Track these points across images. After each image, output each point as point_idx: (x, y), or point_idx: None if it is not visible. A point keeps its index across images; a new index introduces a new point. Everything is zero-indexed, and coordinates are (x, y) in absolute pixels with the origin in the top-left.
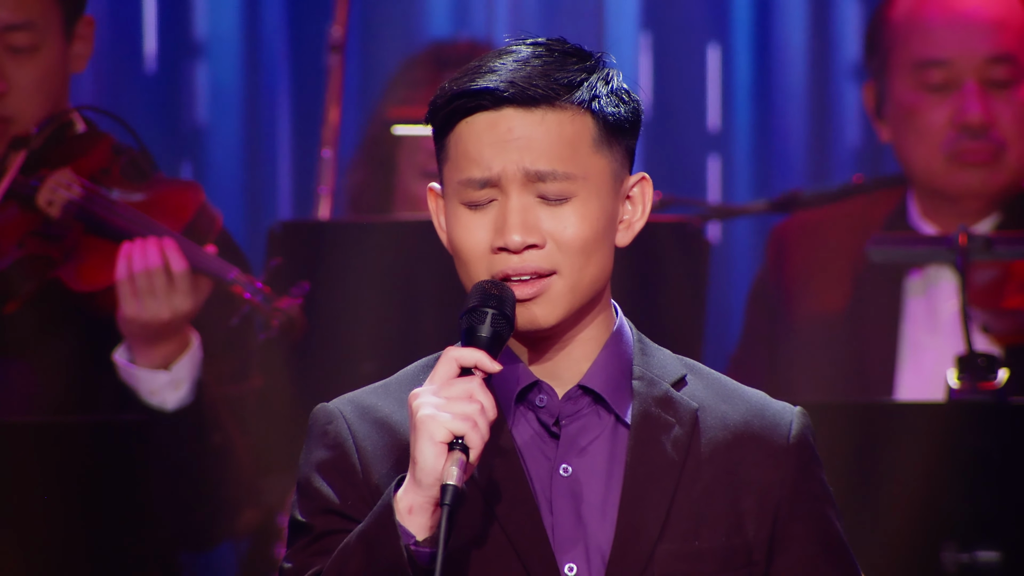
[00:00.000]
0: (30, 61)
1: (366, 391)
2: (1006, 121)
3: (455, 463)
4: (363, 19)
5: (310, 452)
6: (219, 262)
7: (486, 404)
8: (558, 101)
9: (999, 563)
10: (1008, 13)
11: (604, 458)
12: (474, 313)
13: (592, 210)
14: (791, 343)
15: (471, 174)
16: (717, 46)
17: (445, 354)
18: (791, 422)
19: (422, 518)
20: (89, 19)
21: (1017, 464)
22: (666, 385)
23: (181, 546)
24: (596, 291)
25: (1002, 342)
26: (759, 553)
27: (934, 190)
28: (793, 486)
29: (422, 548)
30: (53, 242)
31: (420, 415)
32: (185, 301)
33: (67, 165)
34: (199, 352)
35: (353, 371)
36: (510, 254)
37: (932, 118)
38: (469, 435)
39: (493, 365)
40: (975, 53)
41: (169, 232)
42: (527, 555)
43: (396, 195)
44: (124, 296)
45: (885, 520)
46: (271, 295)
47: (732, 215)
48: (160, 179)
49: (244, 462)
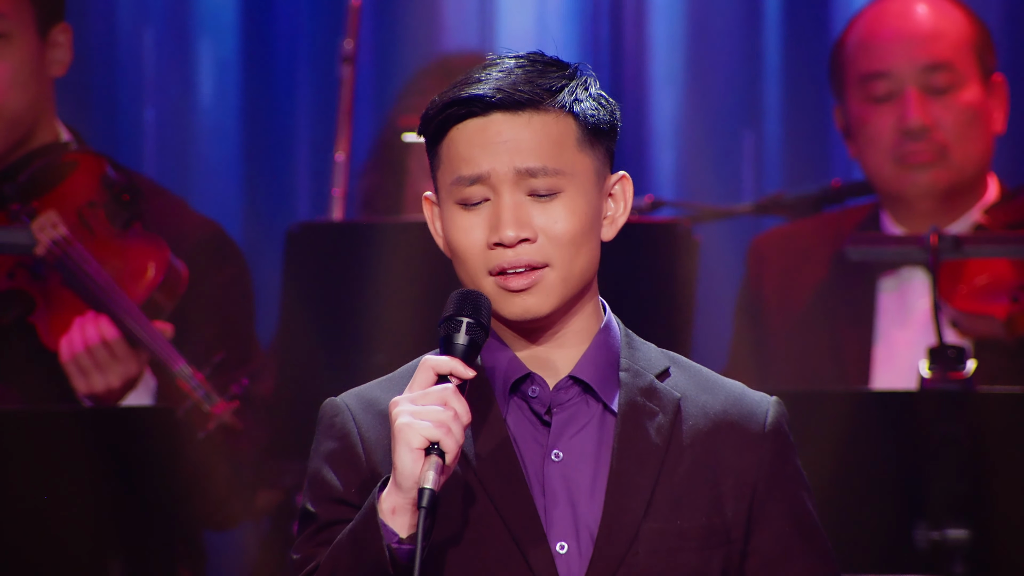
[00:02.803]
0: (3, 50)
1: (371, 385)
2: (947, 123)
3: (432, 467)
4: (377, 33)
5: (319, 444)
6: (169, 351)
7: (460, 410)
8: (543, 105)
9: (967, 540)
10: (945, 24)
11: (593, 444)
12: (450, 322)
13: (580, 205)
14: (775, 341)
15: (462, 172)
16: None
17: (422, 362)
18: (767, 411)
19: (404, 517)
20: (66, 26)
21: (984, 448)
22: (651, 376)
23: (204, 525)
24: (585, 282)
25: (969, 337)
26: (737, 532)
27: (889, 194)
28: (769, 470)
29: (404, 546)
30: (37, 282)
31: (398, 423)
32: (130, 366)
33: (57, 187)
34: (152, 380)
35: (365, 362)
36: (505, 249)
37: (879, 126)
38: (444, 441)
39: (467, 372)
40: (914, 63)
41: (128, 313)
42: (521, 535)
43: (407, 197)
44: (73, 375)
45: (861, 500)
46: (211, 395)
47: (719, 216)
48: (136, 232)
49: (260, 447)
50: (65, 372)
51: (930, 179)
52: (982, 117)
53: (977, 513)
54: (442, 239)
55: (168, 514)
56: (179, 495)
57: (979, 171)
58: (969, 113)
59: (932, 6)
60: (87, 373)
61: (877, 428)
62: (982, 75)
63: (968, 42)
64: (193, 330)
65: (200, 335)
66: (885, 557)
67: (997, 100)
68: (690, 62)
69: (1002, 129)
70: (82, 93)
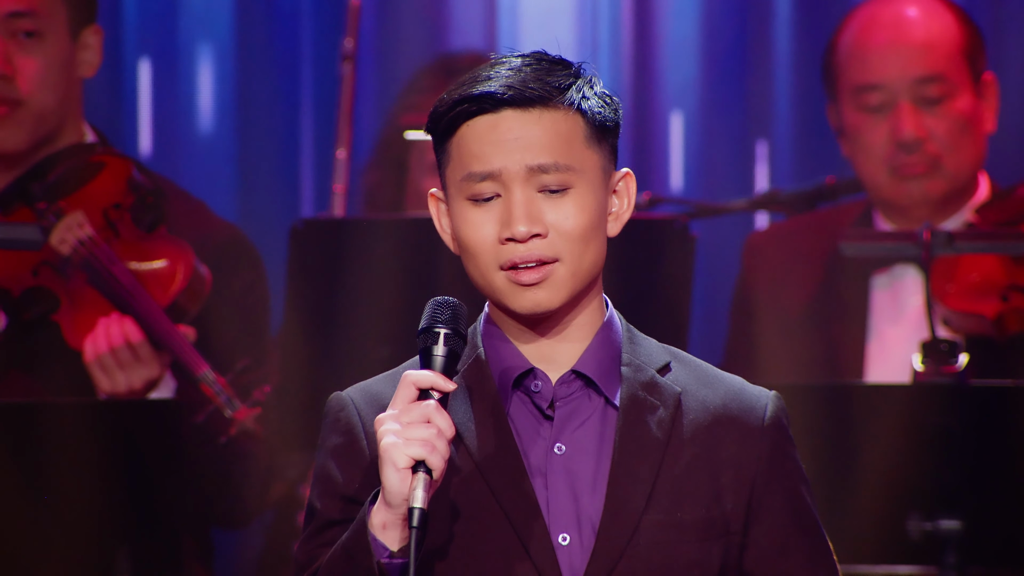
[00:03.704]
0: (35, 48)
1: (376, 380)
2: (940, 134)
3: (420, 485)
4: (378, 31)
5: (325, 438)
6: (193, 355)
7: (443, 427)
8: (552, 102)
9: (959, 531)
10: (938, 35)
11: (595, 437)
12: (428, 334)
13: (589, 201)
14: (770, 336)
15: (473, 168)
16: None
17: (403, 378)
18: (766, 405)
19: (394, 532)
20: (97, 28)
21: (976, 440)
22: (652, 371)
23: (216, 523)
24: (593, 276)
25: (960, 335)
26: (736, 524)
27: (883, 200)
28: (768, 463)
29: (395, 560)
30: (62, 280)
31: (383, 443)
32: (153, 369)
33: (83, 187)
34: (172, 382)
35: (370, 355)
36: (516, 244)
37: (873, 137)
38: (428, 458)
39: (448, 385)
40: (907, 75)
41: (153, 316)
42: (523, 527)
43: (408, 193)
44: (96, 375)
45: (855, 491)
46: (233, 400)
47: (716, 213)
48: (161, 235)
49: (270, 442)
50: (88, 372)
51: (924, 189)
52: (974, 123)
53: (969, 504)
54: (448, 235)
55: (179, 509)
56: (193, 492)
57: (972, 175)
58: (962, 122)
59: (924, 12)
60: (110, 373)
61: (871, 421)
62: (973, 79)
63: (960, 49)
64: (214, 334)
65: (220, 339)
66: (879, 547)
67: (988, 100)
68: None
69: (993, 128)
70: (87, 89)
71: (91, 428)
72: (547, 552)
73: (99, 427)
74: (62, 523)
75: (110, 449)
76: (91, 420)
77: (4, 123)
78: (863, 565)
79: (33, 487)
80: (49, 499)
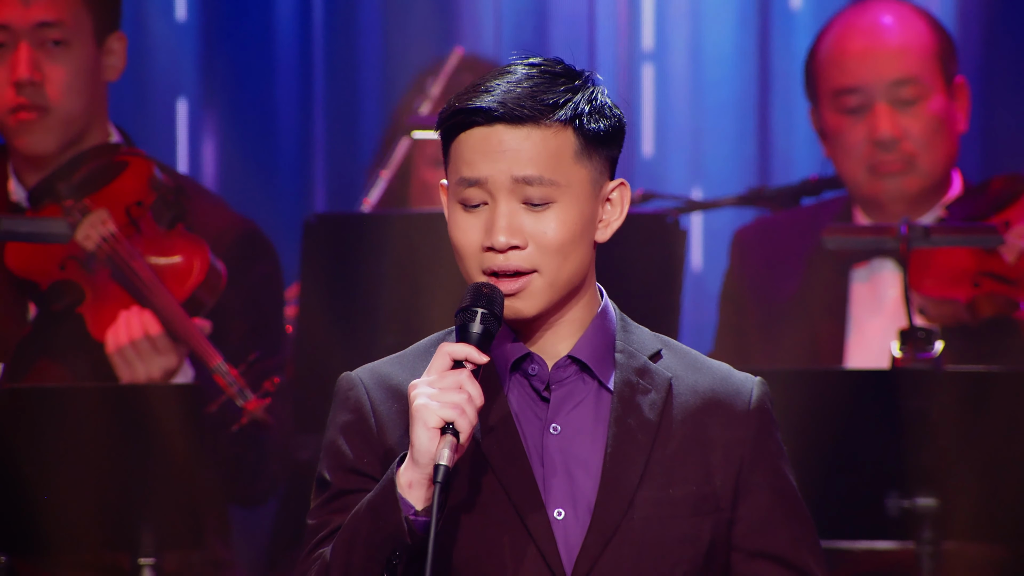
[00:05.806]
0: (63, 56)
1: (384, 361)
2: (915, 134)
3: (447, 445)
4: (384, 30)
5: (335, 415)
6: (207, 347)
7: (474, 394)
8: (542, 120)
9: (935, 508)
10: (912, 41)
11: (589, 419)
12: (467, 312)
13: (571, 215)
14: (756, 327)
15: (464, 174)
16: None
17: (440, 348)
18: (752, 390)
19: (420, 491)
20: (121, 35)
21: (950, 422)
22: (644, 357)
23: (234, 501)
24: (574, 285)
25: (936, 323)
26: (725, 501)
27: (862, 197)
28: (753, 444)
29: (420, 518)
30: (87, 275)
31: (416, 404)
32: (171, 359)
33: (107, 186)
34: (190, 370)
35: (378, 342)
36: (496, 253)
37: (852, 138)
38: (458, 421)
39: (481, 358)
40: (883, 78)
41: (171, 309)
42: (520, 503)
43: (412, 188)
44: (118, 366)
45: (836, 471)
46: (245, 391)
47: (705, 208)
48: (180, 232)
49: (285, 426)
50: (110, 362)
51: (900, 186)
52: (947, 123)
53: (944, 483)
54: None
55: (199, 488)
56: (211, 472)
57: (946, 172)
58: (935, 122)
59: (898, 20)
60: (131, 363)
61: (852, 405)
62: (946, 82)
63: (932, 53)
64: (228, 326)
65: (235, 331)
66: (859, 524)
67: (960, 102)
68: (694, 64)
69: (965, 128)
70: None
71: (115, 411)
72: (543, 526)
73: (123, 410)
74: (89, 500)
75: (132, 431)
76: (115, 403)
77: (34, 128)
78: (844, 540)
79: (63, 464)
80: (76, 477)
